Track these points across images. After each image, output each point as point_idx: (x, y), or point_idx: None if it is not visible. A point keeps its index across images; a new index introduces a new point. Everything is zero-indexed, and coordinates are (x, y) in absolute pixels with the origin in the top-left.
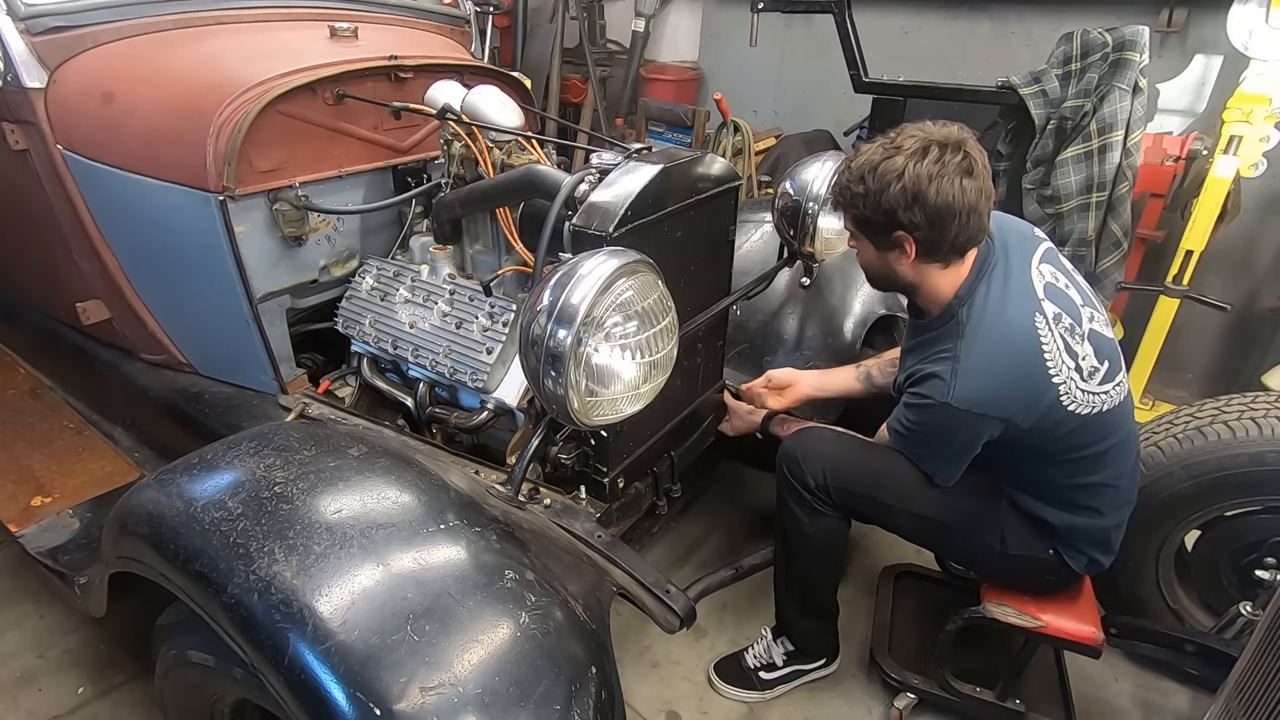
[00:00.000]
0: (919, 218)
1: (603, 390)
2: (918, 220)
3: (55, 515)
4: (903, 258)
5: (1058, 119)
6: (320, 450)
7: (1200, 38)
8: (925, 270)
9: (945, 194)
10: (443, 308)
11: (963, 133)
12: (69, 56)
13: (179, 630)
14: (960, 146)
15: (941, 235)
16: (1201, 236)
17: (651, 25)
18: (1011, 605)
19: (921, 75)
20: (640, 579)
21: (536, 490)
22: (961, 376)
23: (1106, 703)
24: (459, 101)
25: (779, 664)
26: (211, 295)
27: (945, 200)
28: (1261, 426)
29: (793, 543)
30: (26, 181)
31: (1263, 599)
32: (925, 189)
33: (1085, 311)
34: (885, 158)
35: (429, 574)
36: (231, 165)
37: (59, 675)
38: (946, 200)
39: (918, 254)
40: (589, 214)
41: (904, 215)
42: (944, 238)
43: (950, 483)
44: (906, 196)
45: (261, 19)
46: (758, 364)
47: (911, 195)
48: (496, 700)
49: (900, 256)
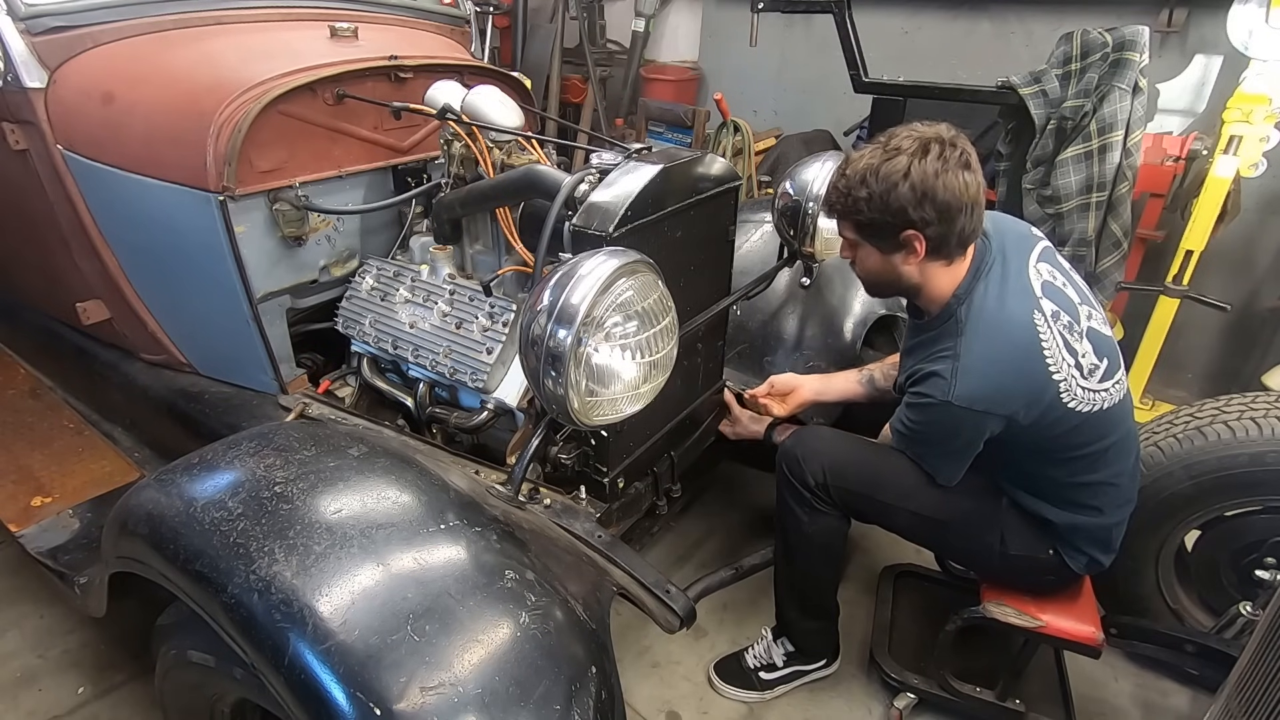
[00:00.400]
0: (930, 213)
1: (603, 390)
2: (929, 216)
3: (55, 515)
4: (911, 258)
5: (1058, 119)
6: (320, 450)
7: (1200, 38)
8: (930, 269)
9: (952, 188)
10: (443, 308)
11: (951, 130)
12: (69, 56)
13: (179, 630)
14: (955, 142)
15: (950, 229)
16: (1201, 236)
17: (651, 25)
18: (1011, 605)
19: (921, 75)
20: (640, 579)
21: (536, 490)
22: (962, 374)
23: (1106, 703)
24: (459, 101)
25: (779, 664)
26: (211, 295)
27: (953, 194)
28: (1261, 426)
29: (792, 542)
30: (26, 181)
31: (1263, 599)
32: (933, 184)
33: (1083, 310)
34: (886, 159)
35: (429, 574)
36: (231, 165)
37: (59, 675)
38: (954, 194)
39: (927, 251)
40: (589, 214)
41: (915, 213)
42: (952, 232)
43: (953, 482)
44: (916, 194)
45: (261, 19)
46: (758, 364)
47: (921, 192)
48: (496, 700)
49: (908, 257)
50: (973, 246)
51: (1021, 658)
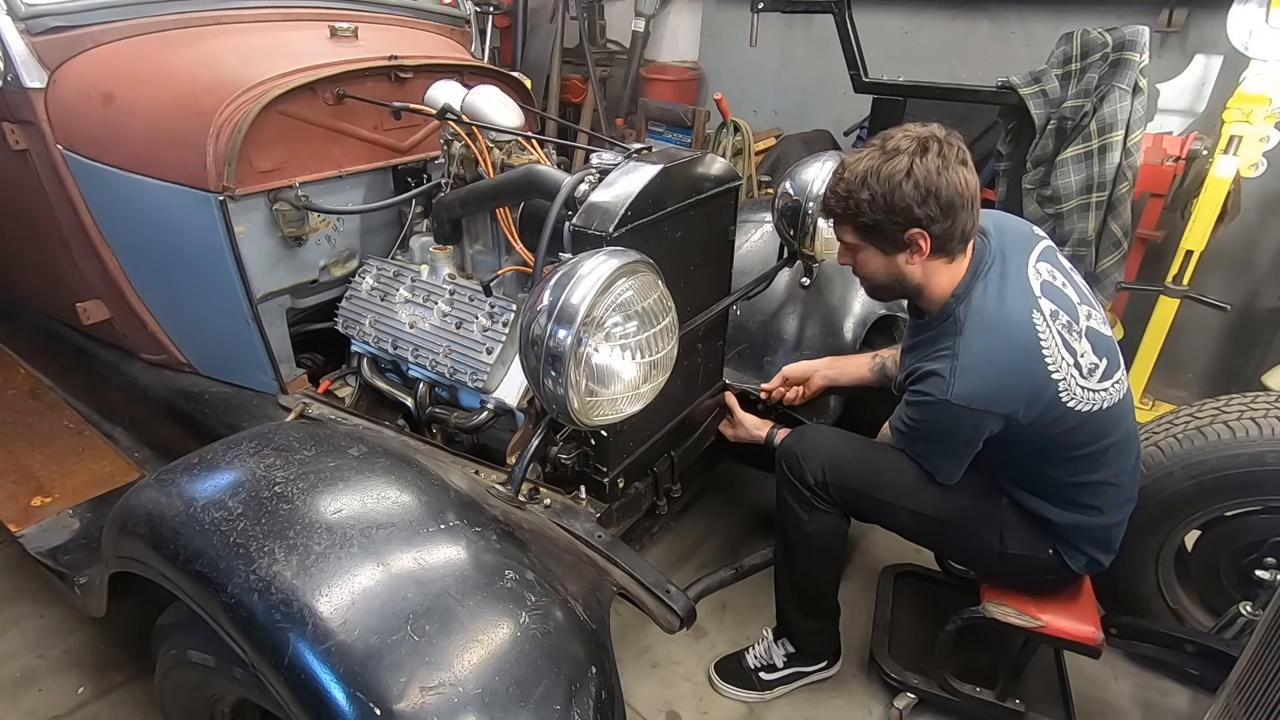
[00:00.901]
0: (934, 210)
1: (603, 390)
2: (934, 213)
3: (55, 515)
4: (915, 256)
5: (1058, 119)
6: (320, 450)
7: (1200, 38)
8: (932, 268)
9: (954, 184)
10: (443, 308)
11: (944, 129)
12: (69, 56)
13: (179, 630)
14: (951, 140)
15: (954, 226)
16: (1201, 236)
17: (651, 25)
18: (1011, 605)
19: (921, 75)
20: (640, 579)
21: (536, 490)
22: (961, 373)
23: (1106, 703)
24: (459, 101)
25: (779, 665)
26: (211, 295)
27: (955, 190)
28: (1261, 426)
29: (792, 541)
30: (26, 181)
31: (1263, 599)
32: (937, 181)
33: (1082, 309)
34: (886, 160)
35: (429, 574)
36: (231, 165)
37: (59, 675)
38: (956, 190)
39: (931, 249)
40: (589, 214)
41: (920, 211)
42: (956, 228)
43: (953, 481)
44: (920, 192)
45: (261, 19)
46: (758, 364)
47: (925, 190)
48: (496, 700)
49: (912, 256)
50: (972, 245)
51: (1021, 658)
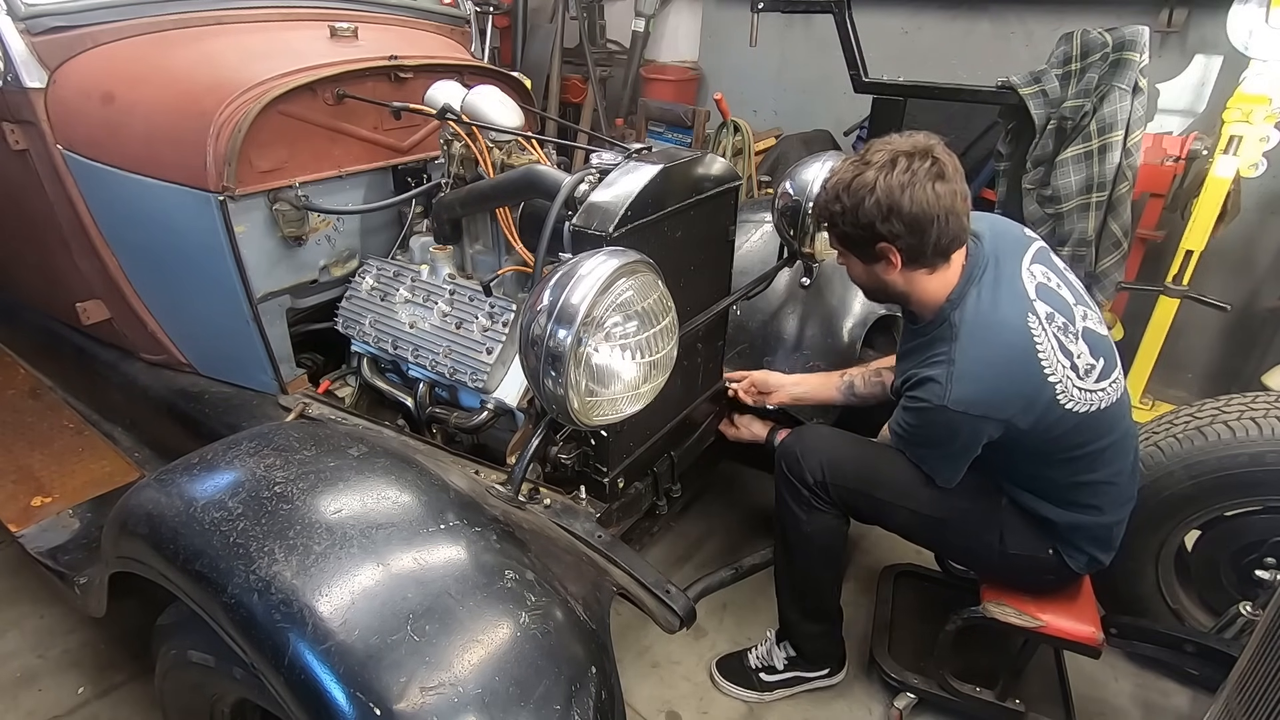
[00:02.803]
0: (898, 227)
1: (603, 390)
2: (897, 230)
3: (55, 515)
4: (890, 268)
5: (1058, 119)
6: (320, 450)
7: (1200, 38)
8: (914, 278)
9: (919, 201)
10: (443, 308)
11: (930, 140)
12: (69, 56)
13: (179, 630)
14: (929, 153)
15: (923, 241)
16: (1201, 236)
17: (651, 25)
18: (1011, 605)
19: (921, 75)
20: (640, 579)
21: (536, 490)
22: (957, 379)
23: (1106, 703)
24: (459, 101)
25: (780, 667)
26: (211, 295)
27: (920, 207)
28: (1261, 426)
29: (792, 541)
30: (26, 181)
31: (1263, 599)
32: (899, 198)
33: (1078, 310)
34: (856, 174)
35: (429, 574)
36: (231, 165)
37: (59, 675)
38: (921, 207)
39: (904, 262)
40: (589, 214)
41: (882, 227)
42: (925, 243)
43: (952, 484)
44: (881, 209)
45: (261, 19)
46: (758, 364)
47: (886, 207)
48: (496, 700)
49: (887, 267)
50: (963, 251)
51: (1021, 658)
